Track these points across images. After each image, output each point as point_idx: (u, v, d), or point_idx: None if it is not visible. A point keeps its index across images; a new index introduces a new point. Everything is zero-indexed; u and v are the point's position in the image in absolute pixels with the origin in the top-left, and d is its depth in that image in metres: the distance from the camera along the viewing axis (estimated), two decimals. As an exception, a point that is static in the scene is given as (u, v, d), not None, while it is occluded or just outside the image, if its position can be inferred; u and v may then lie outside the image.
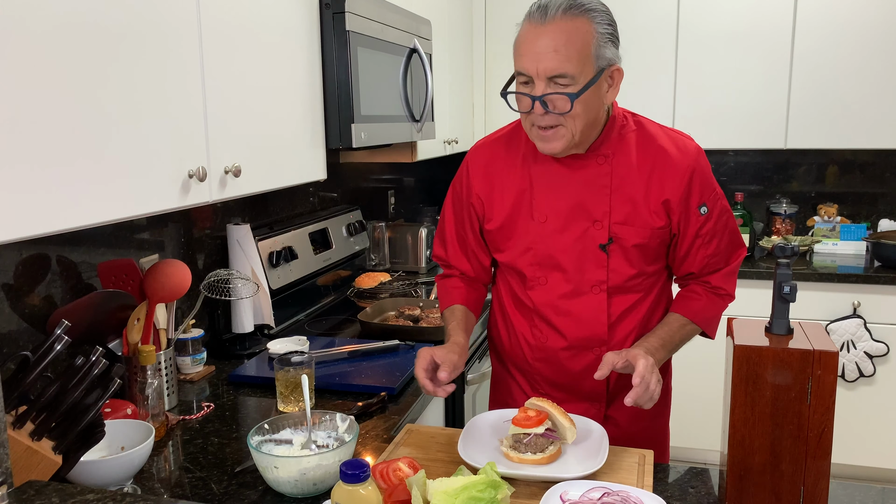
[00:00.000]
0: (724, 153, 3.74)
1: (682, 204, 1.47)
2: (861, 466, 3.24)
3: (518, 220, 1.53)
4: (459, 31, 3.30)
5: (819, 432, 1.13)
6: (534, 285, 1.55)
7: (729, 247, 1.56)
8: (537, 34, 1.33)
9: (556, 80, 1.33)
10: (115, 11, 1.19)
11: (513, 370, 1.68)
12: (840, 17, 3.18)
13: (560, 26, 1.32)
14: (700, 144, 1.60)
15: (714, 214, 1.52)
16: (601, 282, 1.50)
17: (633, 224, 1.47)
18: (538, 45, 1.32)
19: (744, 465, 1.16)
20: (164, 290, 1.62)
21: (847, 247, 3.42)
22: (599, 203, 1.47)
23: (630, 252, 1.49)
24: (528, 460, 1.30)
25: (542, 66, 1.32)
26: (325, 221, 2.63)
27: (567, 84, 1.34)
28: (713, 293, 1.56)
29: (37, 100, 1.06)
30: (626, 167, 1.47)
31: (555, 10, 1.32)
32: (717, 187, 1.54)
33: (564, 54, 1.32)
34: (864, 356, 3.13)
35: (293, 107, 1.78)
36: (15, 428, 1.18)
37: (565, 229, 1.49)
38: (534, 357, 1.60)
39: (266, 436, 1.31)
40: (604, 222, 1.47)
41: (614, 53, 1.39)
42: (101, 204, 1.19)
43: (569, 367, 1.57)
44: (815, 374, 1.11)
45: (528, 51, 1.34)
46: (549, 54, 1.32)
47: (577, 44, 1.32)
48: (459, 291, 1.64)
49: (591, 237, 1.48)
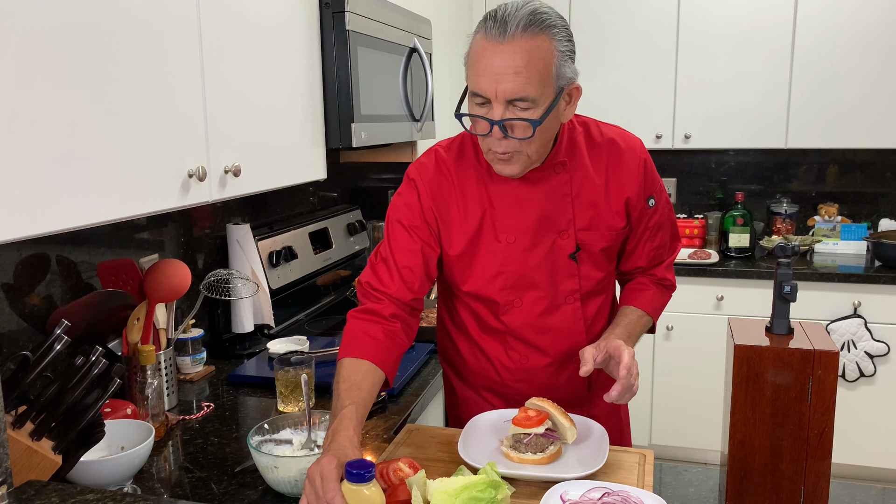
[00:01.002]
0: (725, 153, 3.74)
1: (639, 199, 1.48)
2: (861, 466, 3.23)
3: (481, 244, 1.44)
4: (460, 30, 3.30)
5: (819, 432, 1.12)
6: (508, 310, 1.48)
7: (671, 238, 1.58)
8: (495, 53, 1.22)
9: (516, 104, 1.25)
10: (115, 10, 1.19)
11: (484, 392, 1.60)
12: (840, 16, 3.18)
13: (520, 45, 1.21)
14: (700, 144, 1.61)
15: (660, 206, 1.51)
16: (574, 291, 1.48)
17: (596, 228, 1.45)
18: (496, 65, 1.22)
19: (744, 465, 1.16)
20: (164, 289, 1.62)
21: (847, 246, 3.42)
22: (563, 212, 1.43)
23: (597, 256, 1.48)
24: (528, 460, 1.30)
25: (501, 87, 1.23)
26: (325, 221, 2.63)
27: (527, 107, 1.25)
28: (659, 284, 1.57)
29: (36, 99, 1.06)
30: (582, 171, 1.44)
31: (514, 27, 1.21)
32: (659, 179, 1.54)
33: (525, 76, 1.22)
34: (864, 356, 3.13)
35: (293, 106, 1.78)
36: (15, 428, 1.18)
37: (535, 245, 1.44)
38: (513, 379, 1.54)
39: (266, 436, 1.31)
40: (569, 231, 1.44)
41: (573, 71, 1.30)
42: (101, 203, 1.18)
43: (553, 382, 1.54)
44: (816, 373, 1.11)
45: (486, 71, 1.23)
46: (509, 76, 1.22)
47: (538, 65, 1.23)
48: (375, 344, 1.35)
49: (560, 248, 1.44)
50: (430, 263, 1.45)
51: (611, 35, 3.44)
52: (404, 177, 1.49)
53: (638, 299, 1.54)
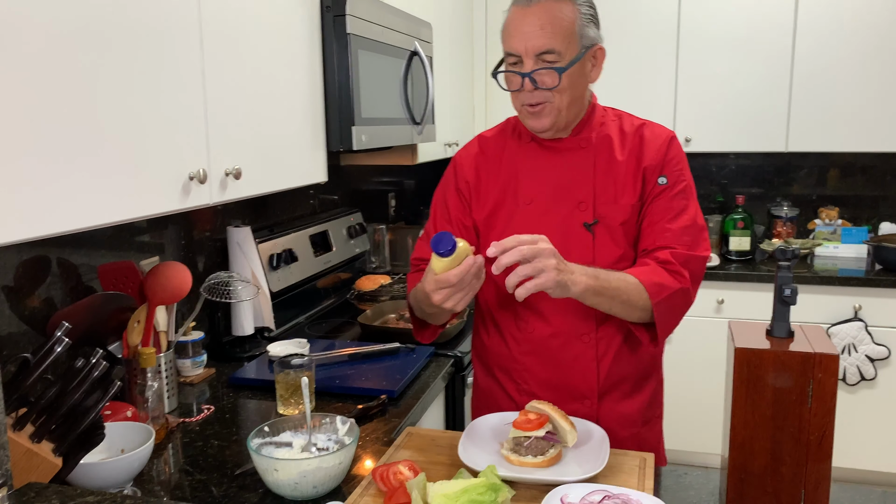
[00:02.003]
0: (726, 156, 3.74)
1: (653, 173, 1.50)
2: (862, 470, 3.23)
3: (504, 205, 1.56)
4: (460, 33, 3.31)
5: (820, 435, 1.12)
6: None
7: (685, 232, 1.48)
8: (524, 14, 1.41)
9: (544, 58, 1.41)
10: (115, 13, 1.20)
11: (498, 374, 1.63)
12: (840, 20, 3.18)
13: (545, 7, 1.40)
14: (701, 147, 1.61)
15: (672, 191, 1.49)
16: (587, 263, 1.44)
17: (616, 202, 1.50)
18: (525, 24, 1.40)
19: (744, 468, 1.16)
20: (165, 292, 1.62)
21: (848, 250, 3.42)
22: (583, 185, 1.51)
23: (615, 231, 1.50)
24: (528, 463, 1.30)
25: (530, 44, 1.40)
26: (325, 224, 2.63)
27: (554, 60, 1.41)
28: (663, 267, 1.46)
29: (37, 102, 1.06)
30: (607, 150, 1.52)
31: None
32: (685, 172, 1.53)
33: (550, 31, 1.40)
34: (865, 359, 3.12)
35: (294, 109, 1.78)
36: (15, 430, 1.18)
37: (550, 211, 1.52)
38: (520, 351, 1.56)
39: (266, 438, 1.30)
40: (588, 203, 1.50)
41: (596, 34, 1.47)
42: (102, 206, 1.19)
43: (559, 357, 1.54)
44: (816, 376, 1.11)
45: (516, 31, 1.41)
46: (536, 32, 1.40)
47: (562, 22, 1.40)
48: None
49: (577, 218, 1.51)
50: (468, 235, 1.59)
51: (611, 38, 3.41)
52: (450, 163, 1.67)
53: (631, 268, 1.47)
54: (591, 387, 1.55)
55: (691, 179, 1.55)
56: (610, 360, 1.53)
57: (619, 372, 1.54)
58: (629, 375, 1.57)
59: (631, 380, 1.57)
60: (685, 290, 1.46)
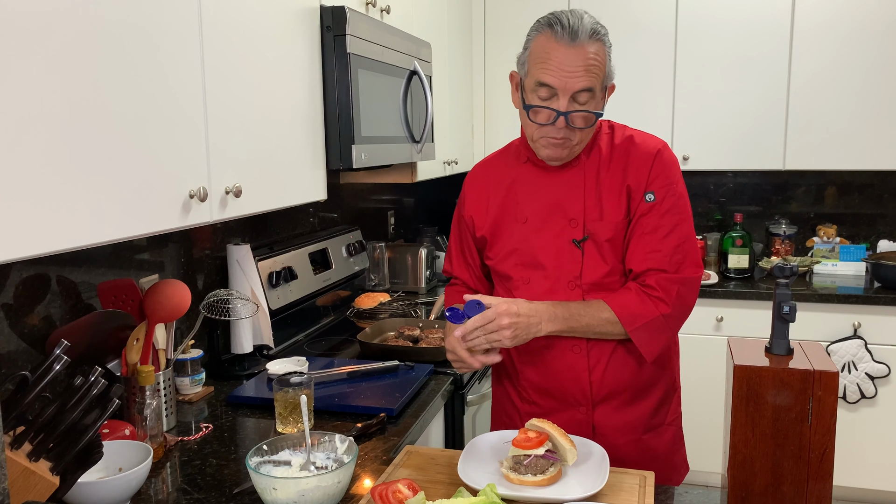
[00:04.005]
0: (723, 174, 3.76)
1: (638, 190, 1.52)
2: (863, 489, 3.21)
3: (503, 224, 1.63)
4: (459, 53, 3.33)
5: (820, 453, 1.12)
6: (518, 285, 1.61)
7: (675, 252, 1.49)
8: (567, 53, 1.42)
9: (579, 97, 1.44)
10: (115, 29, 1.21)
11: (505, 382, 1.72)
12: (837, 39, 3.21)
13: (588, 48, 1.42)
14: (699, 165, 1.63)
15: (661, 209, 1.50)
16: (576, 277, 1.55)
17: (604, 219, 1.54)
18: (567, 63, 1.42)
19: (745, 487, 1.16)
20: (164, 310, 1.62)
21: (846, 267, 3.42)
22: (573, 202, 1.55)
23: (603, 247, 1.54)
24: (528, 482, 1.29)
25: (570, 82, 1.42)
26: (324, 242, 2.63)
27: (587, 99, 1.45)
28: (645, 292, 1.48)
29: (37, 121, 1.07)
30: (597, 166, 1.56)
31: (584, 35, 1.42)
32: (675, 185, 1.52)
33: (591, 73, 1.43)
34: (865, 377, 3.12)
35: (294, 128, 1.79)
36: (13, 448, 1.17)
37: (543, 228, 1.57)
38: (520, 361, 1.64)
39: (265, 457, 1.30)
40: (578, 220, 1.55)
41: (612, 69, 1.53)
42: (102, 224, 1.19)
43: (553, 366, 1.59)
44: (816, 394, 1.11)
45: (558, 68, 1.42)
46: (579, 73, 1.42)
47: (600, 63, 1.45)
48: (464, 290, 1.73)
49: (567, 234, 1.56)
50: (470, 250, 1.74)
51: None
52: None
53: (609, 296, 1.51)
54: (584, 394, 1.60)
55: (684, 190, 1.54)
56: (602, 369, 1.57)
57: (614, 381, 1.58)
58: (629, 384, 1.60)
59: (631, 389, 1.60)
60: (665, 315, 1.49)
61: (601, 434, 1.60)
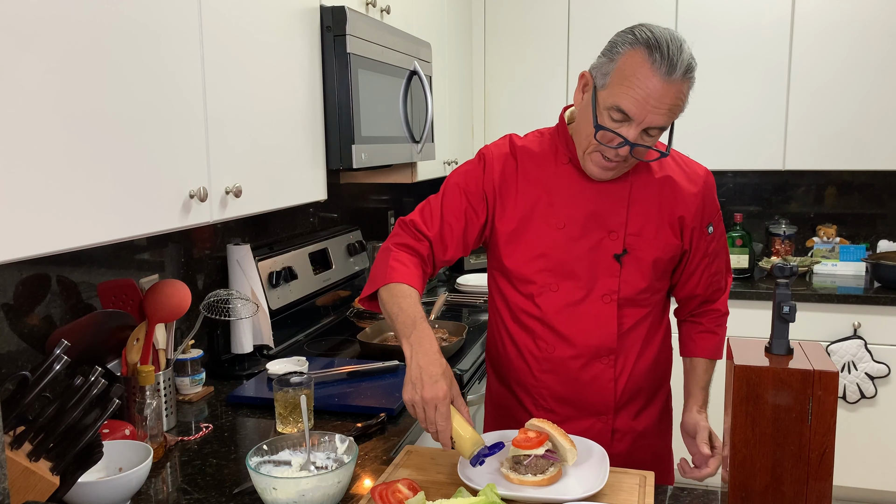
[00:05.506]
0: (723, 174, 3.76)
1: (695, 221, 1.53)
2: (863, 489, 3.21)
3: (531, 224, 1.52)
4: (459, 53, 3.33)
5: (820, 453, 1.12)
6: (543, 292, 1.53)
7: (726, 265, 1.64)
8: (658, 86, 1.33)
9: (649, 131, 1.39)
10: (116, 32, 1.21)
11: (515, 388, 1.63)
12: (837, 39, 3.21)
13: (679, 87, 1.35)
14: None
15: (717, 234, 1.59)
16: (613, 291, 1.51)
17: (647, 237, 1.51)
18: (655, 97, 1.33)
19: (745, 487, 1.16)
20: (164, 310, 1.62)
21: (846, 267, 3.42)
22: (616, 214, 1.50)
23: (643, 264, 1.51)
24: (528, 482, 1.29)
25: (650, 117, 1.35)
26: (325, 242, 2.63)
27: (655, 134, 1.40)
28: (720, 323, 1.65)
29: (36, 120, 1.07)
30: (642, 182, 1.52)
31: (679, 71, 1.33)
32: (719, 210, 1.61)
33: (674, 113, 1.38)
34: (865, 377, 3.12)
35: (294, 128, 1.79)
36: (13, 448, 1.17)
37: (581, 237, 1.50)
38: (540, 369, 1.57)
39: (265, 457, 1.30)
40: (619, 233, 1.50)
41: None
42: (102, 224, 1.19)
43: (578, 377, 1.55)
44: (816, 394, 1.11)
45: (643, 97, 1.33)
46: (664, 111, 1.35)
47: (682, 105, 1.39)
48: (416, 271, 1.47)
49: (606, 247, 1.50)
50: (471, 230, 1.55)
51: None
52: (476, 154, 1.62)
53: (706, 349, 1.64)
54: (607, 404, 1.58)
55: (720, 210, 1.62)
56: (626, 377, 1.57)
57: (634, 387, 1.59)
58: (644, 388, 1.61)
59: (645, 393, 1.61)
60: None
61: (620, 439, 1.59)
